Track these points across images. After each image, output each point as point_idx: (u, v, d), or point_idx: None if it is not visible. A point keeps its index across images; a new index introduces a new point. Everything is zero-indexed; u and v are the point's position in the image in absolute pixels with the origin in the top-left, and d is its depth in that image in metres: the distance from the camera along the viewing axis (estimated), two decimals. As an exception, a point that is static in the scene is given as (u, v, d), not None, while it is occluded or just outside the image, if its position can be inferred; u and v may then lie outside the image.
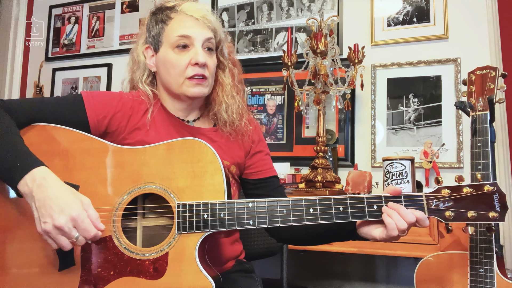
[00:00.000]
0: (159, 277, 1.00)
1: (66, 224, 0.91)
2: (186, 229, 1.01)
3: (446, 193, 0.98)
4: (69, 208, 0.92)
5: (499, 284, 1.30)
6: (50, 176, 0.96)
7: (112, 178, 1.05)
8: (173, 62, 1.17)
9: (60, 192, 0.94)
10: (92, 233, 0.94)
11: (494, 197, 0.95)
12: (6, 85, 3.24)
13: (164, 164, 1.06)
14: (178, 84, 1.18)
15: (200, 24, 1.18)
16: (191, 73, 1.16)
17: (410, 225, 0.97)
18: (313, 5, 2.68)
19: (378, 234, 1.02)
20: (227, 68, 1.29)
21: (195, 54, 1.16)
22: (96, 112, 1.14)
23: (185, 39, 1.16)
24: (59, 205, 0.92)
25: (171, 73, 1.18)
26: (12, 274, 1.02)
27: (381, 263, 2.45)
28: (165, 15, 1.20)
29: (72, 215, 0.92)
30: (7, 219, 1.04)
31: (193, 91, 1.17)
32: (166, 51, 1.18)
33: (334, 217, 1.01)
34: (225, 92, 1.26)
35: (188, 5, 1.21)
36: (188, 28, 1.17)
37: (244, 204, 1.02)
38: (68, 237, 0.93)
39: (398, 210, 0.97)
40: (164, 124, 1.22)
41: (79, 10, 3.30)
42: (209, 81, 1.21)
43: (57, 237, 0.93)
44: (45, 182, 0.94)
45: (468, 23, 2.34)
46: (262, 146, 1.35)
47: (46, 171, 0.96)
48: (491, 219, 0.94)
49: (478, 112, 1.39)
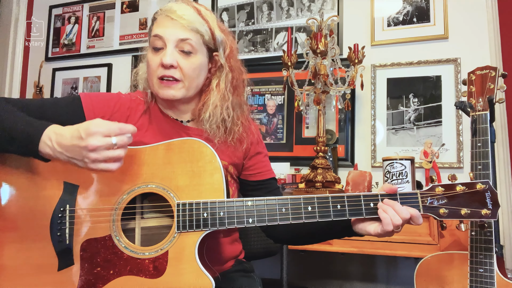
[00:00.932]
0: (159, 276, 1.00)
1: (96, 139, 0.91)
2: (186, 228, 1.01)
3: (440, 191, 1.01)
4: (84, 130, 0.91)
5: (499, 284, 1.30)
6: (60, 128, 0.95)
7: (112, 178, 1.05)
8: (149, 61, 1.16)
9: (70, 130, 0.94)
10: (121, 126, 0.94)
11: (486, 195, 0.98)
12: (6, 85, 3.24)
13: (163, 163, 1.06)
14: (153, 84, 1.17)
15: (174, 24, 1.13)
16: (160, 74, 1.14)
17: (404, 221, 0.99)
18: (313, 5, 2.68)
19: (373, 230, 1.03)
20: (224, 73, 1.22)
21: (163, 55, 1.13)
22: (94, 112, 1.14)
23: (158, 40, 1.14)
24: (77, 137, 0.92)
25: (148, 72, 1.18)
26: (11, 273, 1.02)
27: (381, 263, 2.45)
28: (154, 16, 1.19)
29: (90, 131, 0.91)
30: (7, 218, 1.04)
31: (162, 92, 1.15)
32: (148, 51, 1.19)
33: (332, 215, 1.02)
34: (211, 101, 1.20)
35: (171, 5, 1.17)
36: (161, 27, 1.14)
37: (244, 202, 1.03)
38: (110, 147, 0.92)
39: (393, 206, 1.00)
40: (161, 124, 1.22)
41: (79, 10, 3.30)
42: (184, 84, 1.15)
43: (104, 155, 0.92)
44: (60, 135, 0.94)
45: (468, 23, 2.34)
46: (261, 147, 1.34)
47: (56, 126, 0.96)
48: (483, 216, 0.97)
49: (478, 112, 1.39)
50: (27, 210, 1.03)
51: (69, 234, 1.03)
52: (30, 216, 1.03)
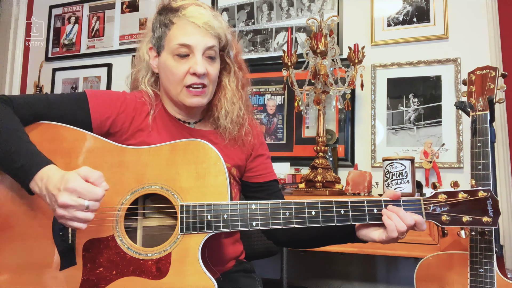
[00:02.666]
0: (161, 277, 1.00)
1: (69, 198, 0.89)
2: (190, 230, 1.01)
3: (442, 198, 1.02)
4: (65, 183, 0.90)
5: (499, 284, 1.30)
6: (54, 171, 0.95)
7: (115, 178, 1.05)
8: (172, 69, 1.14)
9: (57, 176, 0.93)
10: (98, 192, 0.91)
11: (487, 203, 0.99)
12: (6, 85, 3.24)
13: (167, 164, 1.06)
14: (177, 92, 1.16)
15: (201, 32, 1.13)
16: (189, 82, 1.14)
17: (409, 227, 0.99)
18: (313, 5, 2.68)
19: (377, 236, 1.04)
20: (232, 71, 1.25)
21: (194, 64, 1.12)
22: (99, 112, 1.14)
23: (185, 48, 1.13)
24: (57, 187, 0.91)
25: (170, 79, 1.16)
26: (13, 273, 1.02)
27: (381, 263, 2.46)
28: (168, 19, 1.15)
29: (68, 186, 0.89)
30: (9, 218, 1.04)
31: (190, 101, 1.16)
32: (167, 57, 1.15)
33: (336, 220, 1.03)
34: (227, 97, 1.23)
35: (192, 10, 1.14)
36: (188, 36, 1.12)
37: (247, 205, 1.03)
38: (81, 209, 0.90)
39: (398, 213, 1.00)
40: (166, 125, 1.22)
41: (79, 10, 3.30)
42: (209, 89, 1.18)
43: (72, 215, 0.90)
44: (49, 178, 0.94)
45: (468, 23, 2.34)
46: (264, 149, 1.34)
47: (52, 168, 0.96)
48: (484, 224, 0.99)
49: (478, 112, 1.39)
50: (29, 209, 1.03)
51: (72, 234, 1.03)
52: (32, 215, 1.03)
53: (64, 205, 0.89)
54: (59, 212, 0.90)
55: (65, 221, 0.92)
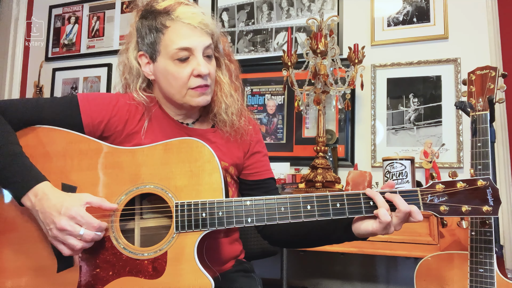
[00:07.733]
0: (158, 276, 1.00)
1: (67, 223, 0.95)
2: (185, 228, 1.01)
3: (440, 188, 0.99)
4: (65, 208, 0.96)
5: (499, 284, 1.30)
6: (50, 190, 0.99)
7: (110, 179, 1.05)
8: (174, 74, 1.13)
9: (57, 198, 0.97)
10: (95, 224, 0.97)
11: (487, 192, 0.96)
12: (6, 85, 3.24)
13: (161, 164, 1.06)
14: (182, 95, 1.15)
15: (198, 32, 1.12)
16: (194, 84, 1.13)
17: (405, 214, 0.96)
18: (313, 5, 2.68)
19: (371, 226, 1.01)
20: (223, 65, 1.25)
21: (197, 65, 1.12)
22: (91, 116, 1.12)
23: (185, 52, 1.11)
24: (57, 209, 0.96)
25: (173, 84, 1.14)
26: (10, 275, 1.02)
27: (381, 263, 2.45)
28: (160, 23, 1.12)
29: (70, 213, 0.95)
30: (6, 220, 1.04)
31: (197, 100, 1.16)
32: (166, 62, 1.13)
33: (332, 213, 1.01)
34: (224, 91, 1.23)
35: (183, 10, 1.12)
36: (187, 38, 1.11)
37: (242, 202, 1.03)
38: (74, 235, 0.96)
39: (393, 199, 0.98)
40: (162, 127, 1.21)
41: (79, 10, 3.30)
42: (211, 87, 1.19)
43: (64, 238, 0.96)
44: (45, 196, 0.97)
45: (468, 23, 2.34)
46: (261, 146, 1.34)
47: (47, 186, 0.99)
48: (485, 213, 0.95)
49: (478, 112, 1.39)
50: (26, 212, 1.03)
51: None
52: (29, 219, 1.03)
53: (62, 228, 0.95)
54: (54, 232, 0.96)
55: (56, 242, 0.98)
